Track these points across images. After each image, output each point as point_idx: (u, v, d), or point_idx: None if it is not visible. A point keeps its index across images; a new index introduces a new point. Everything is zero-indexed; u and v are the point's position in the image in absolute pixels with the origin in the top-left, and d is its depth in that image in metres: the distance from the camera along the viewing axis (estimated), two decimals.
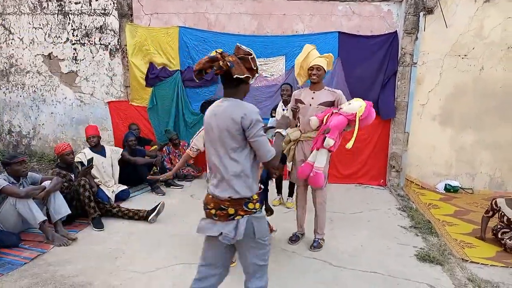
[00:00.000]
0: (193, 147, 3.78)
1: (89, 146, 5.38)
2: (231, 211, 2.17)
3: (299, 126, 4.02)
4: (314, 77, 3.81)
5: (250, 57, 2.18)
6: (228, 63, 2.09)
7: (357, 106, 3.57)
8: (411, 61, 6.02)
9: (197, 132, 3.88)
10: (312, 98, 3.86)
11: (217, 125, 2.18)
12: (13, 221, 3.93)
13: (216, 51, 2.17)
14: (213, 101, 2.52)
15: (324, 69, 3.81)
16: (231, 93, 2.24)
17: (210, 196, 2.25)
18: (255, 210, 2.21)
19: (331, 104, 3.84)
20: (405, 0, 5.88)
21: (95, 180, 5.15)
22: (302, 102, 3.90)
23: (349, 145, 3.61)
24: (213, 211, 2.21)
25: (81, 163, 5.05)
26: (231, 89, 2.23)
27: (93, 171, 5.21)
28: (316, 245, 4.00)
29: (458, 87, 6.11)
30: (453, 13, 5.88)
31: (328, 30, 6.19)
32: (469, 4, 5.85)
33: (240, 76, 2.11)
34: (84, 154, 5.18)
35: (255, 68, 2.21)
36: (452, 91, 6.13)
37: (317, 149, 3.75)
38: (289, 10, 6.25)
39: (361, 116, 3.52)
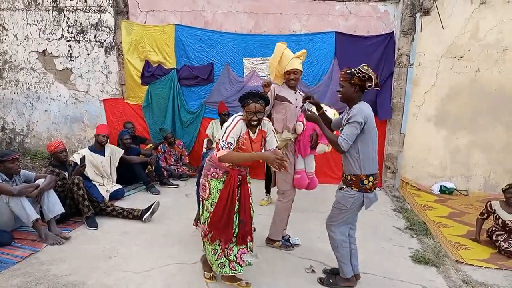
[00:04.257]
0: (230, 144, 2.86)
1: (92, 145, 5.27)
2: None
3: (284, 127, 3.81)
4: (293, 81, 3.68)
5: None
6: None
7: (332, 112, 3.56)
8: (407, 62, 6.03)
9: (230, 128, 2.90)
10: (296, 99, 3.75)
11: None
12: (6, 219, 3.88)
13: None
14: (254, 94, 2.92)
15: (301, 71, 3.70)
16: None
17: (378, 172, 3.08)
18: None
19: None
20: (402, 1, 5.89)
21: (92, 180, 5.14)
22: (287, 101, 3.73)
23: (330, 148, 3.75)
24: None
25: (76, 163, 4.99)
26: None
27: (90, 171, 5.17)
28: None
29: (453, 88, 6.12)
30: (449, 15, 5.90)
31: (325, 30, 6.18)
32: (465, 6, 5.86)
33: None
34: (79, 154, 5.10)
35: None
36: (448, 92, 6.15)
37: (305, 156, 3.73)
38: (286, 9, 6.24)
39: None
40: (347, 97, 3.05)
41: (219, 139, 2.89)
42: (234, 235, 3.03)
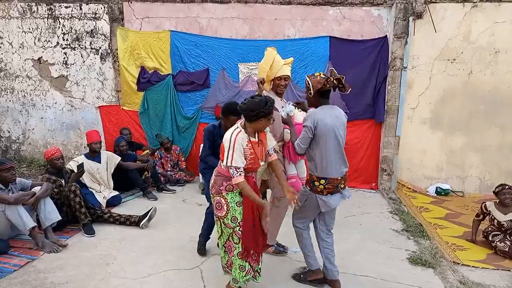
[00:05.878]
0: (238, 169, 2.73)
1: (87, 152, 5.30)
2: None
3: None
4: (283, 87, 3.65)
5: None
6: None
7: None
8: (401, 65, 6.08)
9: (231, 151, 2.74)
10: (282, 107, 3.67)
11: (337, 124, 3.05)
12: (2, 228, 3.87)
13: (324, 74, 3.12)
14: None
15: (291, 77, 3.72)
16: (327, 102, 3.15)
17: (340, 178, 3.09)
18: None
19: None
20: (395, 5, 5.94)
21: (89, 187, 5.13)
22: (274, 108, 3.53)
23: None
24: (342, 186, 3.14)
25: (72, 171, 4.99)
26: (328, 98, 3.15)
27: (87, 178, 5.16)
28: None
29: (447, 91, 6.17)
30: (442, 18, 5.95)
31: (319, 34, 6.23)
32: (457, 9, 5.92)
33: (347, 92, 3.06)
34: (76, 162, 5.10)
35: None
36: (442, 95, 6.19)
37: (295, 162, 3.73)
38: (281, 14, 6.28)
39: None
40: (310, 104, 3.28)
41: (226, 166, 2.73)
42: None
